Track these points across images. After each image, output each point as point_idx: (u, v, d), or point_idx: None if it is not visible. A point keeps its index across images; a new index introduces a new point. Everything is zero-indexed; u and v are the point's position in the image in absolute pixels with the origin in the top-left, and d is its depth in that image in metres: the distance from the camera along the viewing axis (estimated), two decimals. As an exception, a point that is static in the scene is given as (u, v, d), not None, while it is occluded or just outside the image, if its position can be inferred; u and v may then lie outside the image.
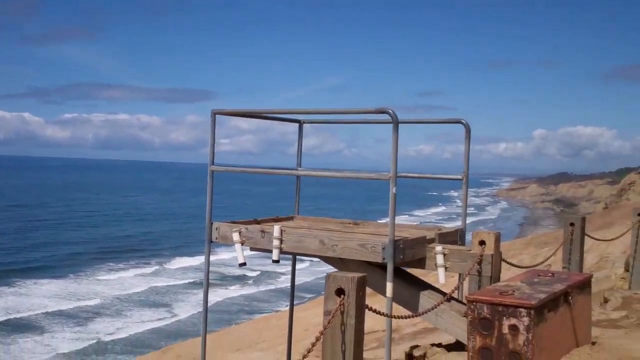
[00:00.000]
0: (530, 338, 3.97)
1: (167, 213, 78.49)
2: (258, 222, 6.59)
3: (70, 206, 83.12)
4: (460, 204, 7.73)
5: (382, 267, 5.21)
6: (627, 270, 10.18)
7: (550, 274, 4.90)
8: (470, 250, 5.38)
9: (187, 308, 32.31)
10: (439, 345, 5.78)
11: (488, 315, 4.10)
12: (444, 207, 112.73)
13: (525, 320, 3.98)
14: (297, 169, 7.31)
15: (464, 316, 4.60)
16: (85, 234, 56.54)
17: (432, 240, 5.77)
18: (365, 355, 3.77)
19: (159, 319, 30.54)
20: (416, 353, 5.76)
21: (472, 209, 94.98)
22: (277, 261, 5.76)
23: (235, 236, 5.94)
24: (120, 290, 35.30)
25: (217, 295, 33.80)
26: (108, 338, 27.15)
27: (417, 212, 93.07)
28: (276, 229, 5.73)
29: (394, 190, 4.90)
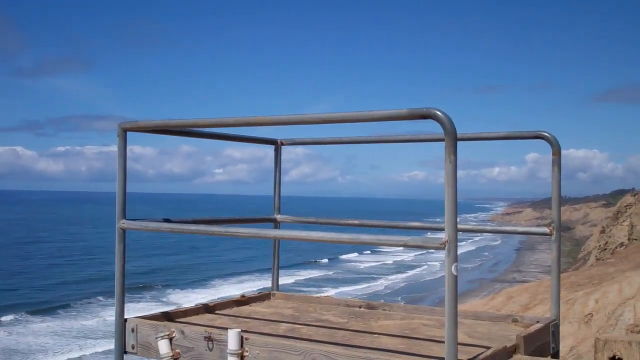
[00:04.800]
0: None
1: (164, 246, 75.62)
2: (208, 309, 4.03)
3: (67, 240, 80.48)
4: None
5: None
6: None
7: None
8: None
9: None
10: None
11: None
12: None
13: None
14: (274, 218, 4.73)
15: None
16: (85, 270, 53.82)
17: (514, 350, 3.20)
18: None
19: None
20: None
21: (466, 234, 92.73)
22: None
23: (163, 346, 3.37)
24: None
25: None
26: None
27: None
28: (232, 336, 3.15)
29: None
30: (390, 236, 2.78)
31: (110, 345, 25.81)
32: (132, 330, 3.59)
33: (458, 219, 2.50)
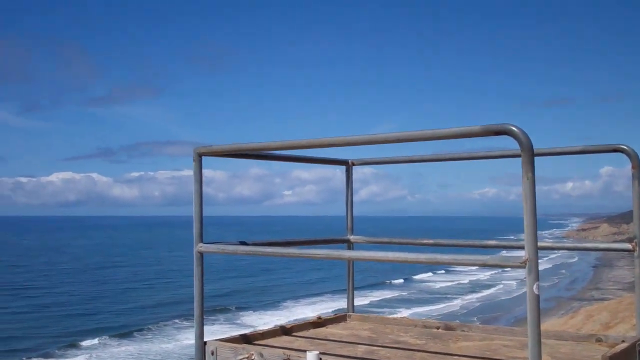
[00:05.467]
0: None
1: (236, 268, 76.41)
2: (285, 331, 4.03)
3: (142, 265, 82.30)
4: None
5: None
6: None
7: None
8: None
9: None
10: None
11: None
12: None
13: None
14: (348, 238, 4.72)
15: None
16: (160, 293, 54.86)
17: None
18: None
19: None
20: None
21: (542, 251, 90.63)
22: None
23: (242, 368, 3.40)
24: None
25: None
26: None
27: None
28: (311, 358, 3.15)
29: None
30: (468, 255, 2.74)
31: (188, 369, 26.05)
32: (212, 353, 3.63)
33: (535, 237, 2.44)
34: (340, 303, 46.16)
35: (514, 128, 2.44)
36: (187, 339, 35.90)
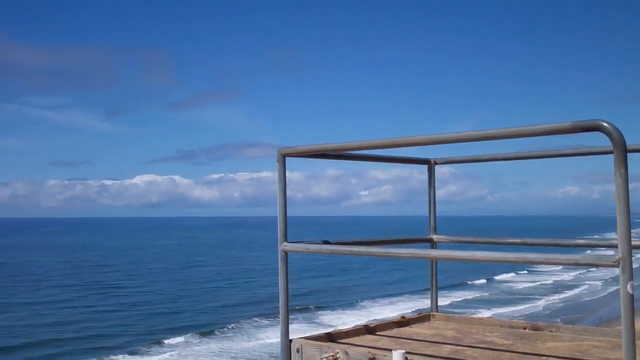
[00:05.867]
0: None
1: (314, 268, 76.81)
2: (368, 330, 4.03)
3: (223, 264, 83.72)
4: None
5: None
6: None
7: None
8: None
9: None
10: None
11: None
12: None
13: None
14: (430, 238, 4.69)
15: None
16: (241, 292, 55.66)
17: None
18: None
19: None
20: None
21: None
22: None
23: (328, 366, 3.42)
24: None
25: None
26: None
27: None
28: (397, 357, 3.14)
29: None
30: (558, 254, 2.68)
31: (269, 366, 26.29)
32: (297, 351, 3.67)
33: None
34: (419, 304, 45.78)
35: (605, 124, 2.39)
36: (268, 337, 36.30)
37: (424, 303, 45.30)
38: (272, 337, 36.14)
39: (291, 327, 3.76)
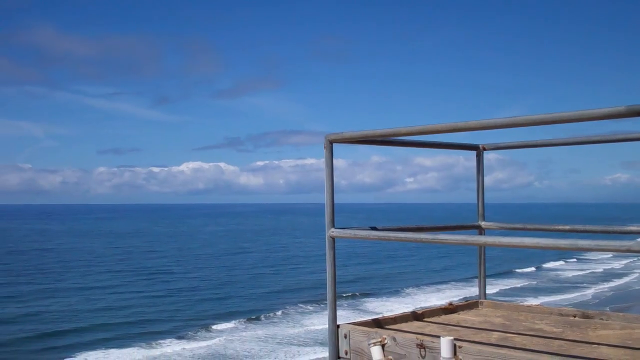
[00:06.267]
0: None
1: (359, 255, 76.78)
2: (416, 317, 4.02)
3: (269, 251, 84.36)
4: None
5: None
6: None
7: None
8: None
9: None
10: None
11: None
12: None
13: None
14: (479, 225, 4.65)
15: None
16: (286, 278, 56.01)
17: None
18: None
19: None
20: None
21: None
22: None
23: (376, 352, 3.42)
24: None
25: None
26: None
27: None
28: (445, 343, 3.13)
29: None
30: (609, 241, 2.63)
31: (314, 352, 26.66)
32: (345, 337, 3.68)
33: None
34: (464, 292, 45.49)
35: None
36: (313, 324, 36.48)
37: (470, 291, 45.00)
38: (317, 323, 36.31)
39: (337, 313, 3.78)
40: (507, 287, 48.83)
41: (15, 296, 44.80)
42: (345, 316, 35.85)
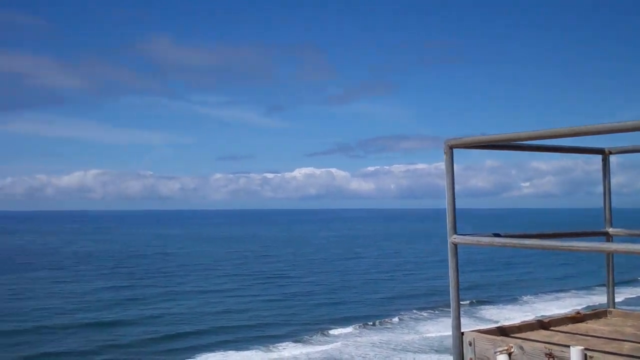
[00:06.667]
0: None
1: (475, 262, 75.28)
2: (542, 325, 3.94)
3: (381, 256, 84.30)
4: None
5: None
6: None
7: None
8: None
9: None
10: None
11: None
12: None
13: None
14: (606, 231, 4.50)
15: None
16: (399, 285, 55.79)
17: None
18: None
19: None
20: None
21: None
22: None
23: (502, 360, 3.39)
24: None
25: None
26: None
27: None
28: (575, 353, 3.06)
29: None
30: None
31: (429, 359, 26.17)
32: (470, 344, 3.66)
33: None
34: (586, 300, 43.75)
35: None
36: (428, 330, 36.12)
37: (592, 300, 43.21)
38: (432, 330, 35.92)
39: (450, 321, 3.75)
40: (633, 296, 46.61)
41: (139, 299, 46.79)
42: (463, 324, 35.21)
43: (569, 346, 3.14)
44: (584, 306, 39.66)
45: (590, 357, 3.04)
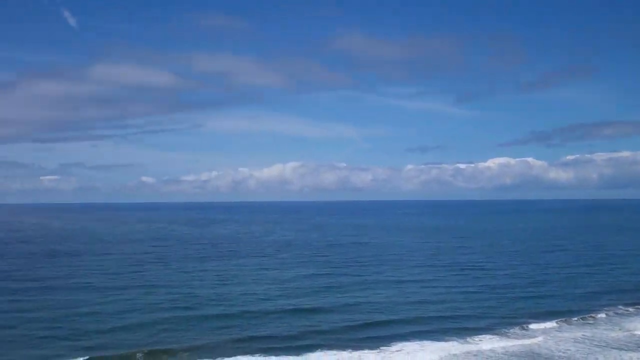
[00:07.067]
0: None
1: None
2: None
3: (584, 249, 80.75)
4: None
5: None
6: None
7: None
8: None
9: None
10: None
11: None
12: None
13: None
14: None
15: None
16: (604, 279, 53.29)
17: None
18: None
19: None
20: None
21: None
22: None
23: None
24: None
25: None
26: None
27: None
28: None
29: None
30: None
31: (637, 358, 24.82)
32: None
33: None
34: None
35: None
36: (636, 328, 34.24)
37: None
38: (640, 327, 34.07)
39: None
40: None
41: (336, 287, 48.25)
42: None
43: None
44: None
45: None
